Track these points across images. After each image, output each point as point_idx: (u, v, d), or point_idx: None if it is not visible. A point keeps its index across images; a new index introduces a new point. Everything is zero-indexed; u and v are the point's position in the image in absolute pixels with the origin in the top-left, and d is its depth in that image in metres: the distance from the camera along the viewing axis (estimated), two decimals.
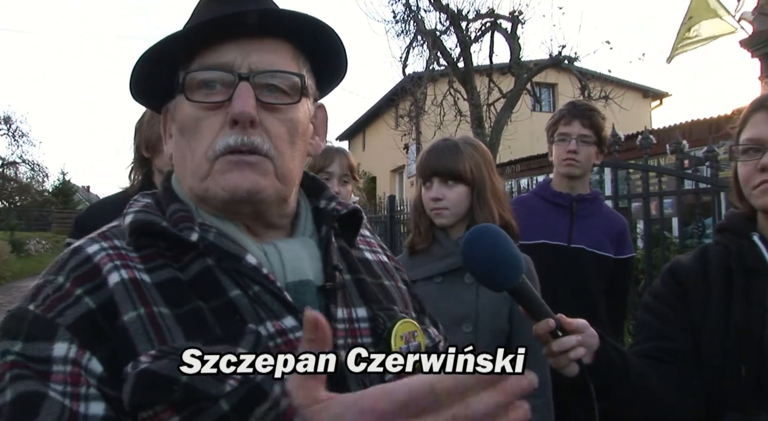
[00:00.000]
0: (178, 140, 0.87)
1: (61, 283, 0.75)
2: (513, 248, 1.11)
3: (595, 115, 2.49)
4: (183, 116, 0.85)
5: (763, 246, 1.31)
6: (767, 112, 1.31)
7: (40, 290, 0.74)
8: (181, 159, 0.87)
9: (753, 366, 1.24)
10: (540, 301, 1.14)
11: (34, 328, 0.71)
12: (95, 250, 0.79)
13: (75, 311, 0.72)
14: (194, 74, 0.84)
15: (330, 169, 2.61)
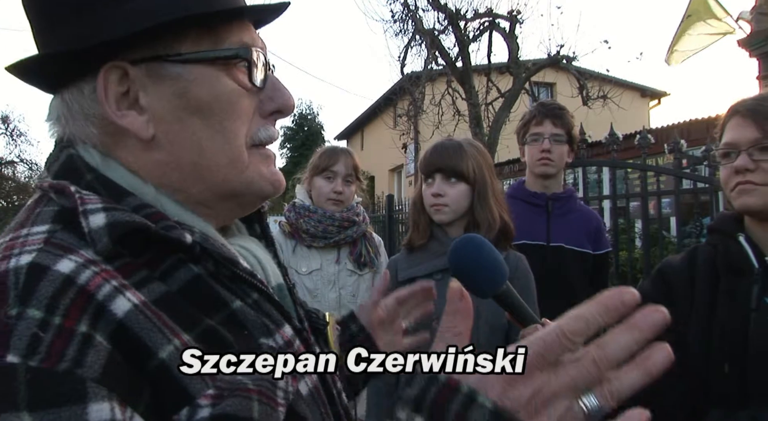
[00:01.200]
0: (193, 123, 0.71)
1: (43, 318, 0.52)
2: (496, 256, 1.14)
3: (565, 114, 2.52)
4: (215, 92, 0.71)
5: (749, 246, 1.35)
6: (741, 117, 1.35)
7: (8, 334, 0.50)
8: (196, 148, 0.71)
9: (736, 364, 1.26)
10: (524, 306, 1.17)
11: (41, 387, 0.49)
12: (72, 268, 0.57)
13: (96, 356, 0.53)
14: (245, 51, 0.73)
15: (335, 168, 2.61)
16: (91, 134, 0.70)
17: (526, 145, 2.55)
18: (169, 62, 0.69)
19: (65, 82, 0.71)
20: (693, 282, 1.41)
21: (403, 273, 2.00)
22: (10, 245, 0.59)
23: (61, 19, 0.68)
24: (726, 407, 1.26)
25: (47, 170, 0.72)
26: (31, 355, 0.50)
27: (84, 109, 0.70)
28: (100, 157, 0.71)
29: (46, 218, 0.63)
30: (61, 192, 0.65)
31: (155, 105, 0.70)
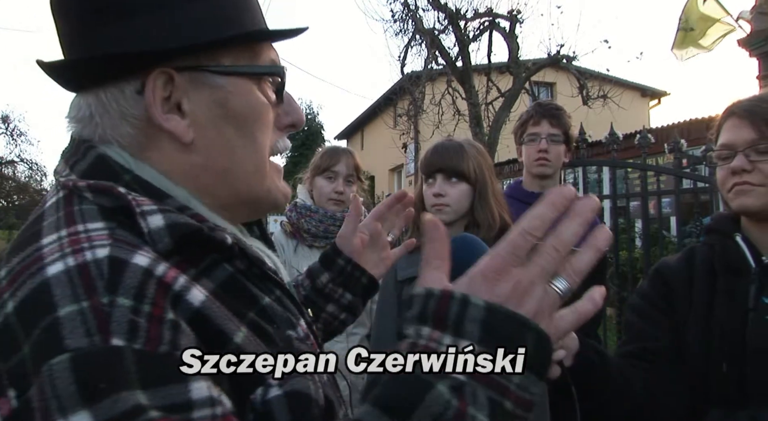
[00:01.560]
0: (228, 131, 0.75)
1: (134, 306, 0.56)
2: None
3: (562, 114, 2.52)
4: (250, 104, 0.77)
5: (746, 246, 1.35)
6: (737, 118, 1.35)
7: (107, 320, 0.54)
8: (229, 154, 0.76)
9: (734, 363, 1.27)
10: None
11: (147, 368, 0.53)
12: (148, 262, 0.60)
13: (187, 340, 0.57)
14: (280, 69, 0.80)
15: (336, 168, 2.62)
16: (126, 134, 0.73)
17: (523, 145, 2.55)
18: (211, 73, 0.74)
19: (100, 81, 0.73)
20: (691, 282, 1.41)
21: (402, 272, 2.00)
22: (74, 239, 0.61)
23: (107, 23, 0.71)
24: (725, 407, 1.27)
25: (70, 169, 0.73)
26: (133, 339, 0.53)
27: (122, 109, 0.72)
28: (131, 158, 0.73)
29: (94, 215, 0.65)
30: (102, 192, 0.68)
31: (196, 111, 0.74)
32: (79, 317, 0.53)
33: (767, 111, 1.31)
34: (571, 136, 2.56)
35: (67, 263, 0.58)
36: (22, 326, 0.54)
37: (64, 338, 0.52)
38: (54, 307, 0.54)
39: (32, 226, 0.67)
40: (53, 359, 0.50)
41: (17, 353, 0.53)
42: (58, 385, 0.49)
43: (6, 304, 0.56)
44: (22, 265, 0.60)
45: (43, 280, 0.56)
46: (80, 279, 0.56)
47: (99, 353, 0.52)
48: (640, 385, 1.31)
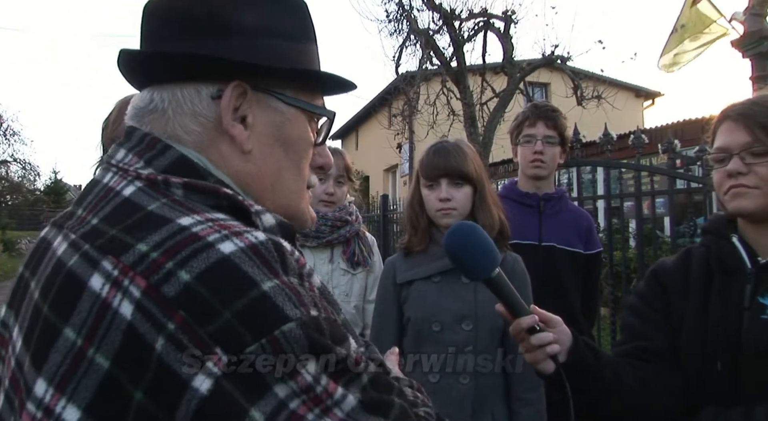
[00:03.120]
0: (278, 152, 0.86)
1: (302, 283, 0.69)
2: (487, 242, 1.24)
3: (558, 116, 2.53)
4: (299, 134, 0.88)
5: (742, 247, 1.36)
6: (732, 121, 1.36)
7: (300, 295, 0.67)
8: (277, 171, 0.86)
9: (729, 362, 1.28)
10: (516, 296, 1.23)
11: (334, 332, 0.68)
12: (290, 248, 0.71)
13: (332, 312, 0.72)
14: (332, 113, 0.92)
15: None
16: (193, 131, 0.80)
17: (518, 145, 2.56)
18: (277, 98, 0.85)
19: (178, 79, 0.80)
20: (687, 282, 1.42)
21: (402, 275, 2.00)
22: (222, 224, 0.68)
23: (206, 35, 0.80)
24: (719, 405, 1.28)
25: (146, 163, 0.77)
26: (317, 310, 0.67)
27: (195, 107, 0.80)
28: (207, 162, 0.80)
29: (209, 209, 0.72)
30: (200, 190, 0.74)
31: (257, 126, 0.83)
32: (282, 292, 0.64)
33: (761, 114, 1.32)
34: (566, 138, 2.58)
35: (236, 243, 0.65)
36: (217, 296, 0.62)
37: (283, 308, 0.63)
38: (255, 282, 0.63)
39: (127, 210, 0.71)
40: (284, 326, 0.63)
41: (217, 318, 0.61)
42: (294, 345, 0.63)
43: (176, 273, 0.62)
44: (175, 239, 0.65)
45: (222, 256, 0.64)
46: (259, 259, 0.65)
47: (311, 321, 0.65)
48: (635, 383, 1.33)
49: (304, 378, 0.63)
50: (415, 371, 1.92)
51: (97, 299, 0.64)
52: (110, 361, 0.61)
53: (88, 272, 0.66)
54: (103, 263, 0.66)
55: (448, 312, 1.88)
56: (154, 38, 0.83)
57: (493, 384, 1.86)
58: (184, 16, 0.81)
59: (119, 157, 0.79)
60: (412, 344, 1.94)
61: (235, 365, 0.61)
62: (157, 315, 0.61)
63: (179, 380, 0.59)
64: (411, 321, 1.94)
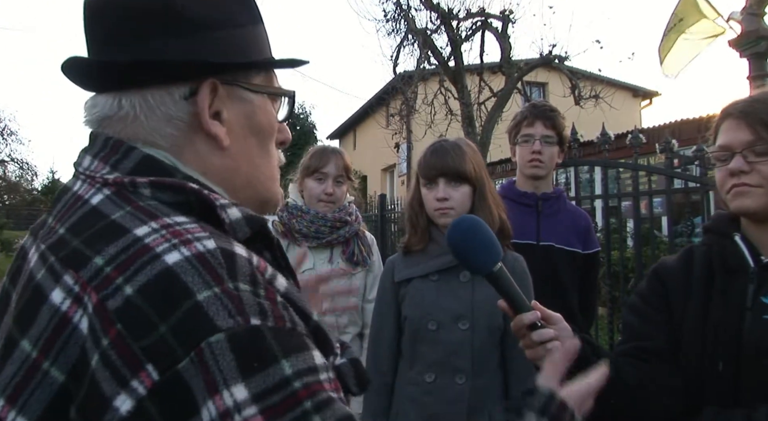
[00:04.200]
0: (251, 141, 0.86)
1: (253, 290, 0.64)
2: (490, 236, 1.25)
3: (556, 116, 2.53)
4: (268, 120, 0.88)
5: (745, 246, 1.35)
6: (733, 119, 1.35)
7: (241, 303, 0.61)
8: (252, 161, 0.86)
9: (730, 362, 1.28)
10: (518, 292, 1.23)
11: (283, 342, 0.61)
12: (246, 253, 0.68)
13: (298, 318, 0.67)
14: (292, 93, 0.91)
15: (325, 169, 2.61)
16: (168, 135, 0.78)
17: (517, 145, 2.56)
18: (245, 89, 0.84)
19: (146, 83, 0.78)
20: (688, 282, 1.41)
21: (400, 274, 2.00)
22: (174, 231, 0.66)
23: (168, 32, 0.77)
24: (720, 406, 1.27)
25: (112, 167, 0.76)
26: (265, 318, 0.62)
27: (168, 110, 0.78)
28: (174, 159, 0.79)
29: (170, 210, 0.70)
30: (168, 188, 0.73)
31: (231, 120, 0.82)
32: (219, 301, 0.60)
33: (763, 112, 1.31)
34: (564, 138, 2.58)
35: (183, 252, 0.63)
36: (154, 308, 0.59)
37: (213, 319, 0.59)
38: (190, 292, 0.60)
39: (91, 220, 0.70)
40: (211, 338, 0.58)
41: (152, 332, 0.58)
42: (220, 360, 0.57)
43: (122, 288, 0.61)
44: (128, 253, 0.63)
45: (165, 267, 0.61)
46: (203, 267, 0.62)
47: (246, 332, 0.59)
48: (635, 382, 1.32)
49: (224, 402, 0.56)
50: (412, 370, 1.91)
51: (56, 313, 0.63)
52: (65, 375, 0.60)
53: (50, 286, 0.65)
54: (64, 278, 0.65)
55: (445, 311, 1.87)
56: (112, 40, 0.79)
57: (491, 385, 1.86)
58: (140, 14, 0.77)
59: (86, 165, 0.78)
60: (409, 342, 1.94)
61: (166, 384, 0.57)
62: (98, 330, 0.60)
63: (104, 398, 0.57)
64: (408, 320, 1.94)
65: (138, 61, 0.76)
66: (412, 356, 1.92)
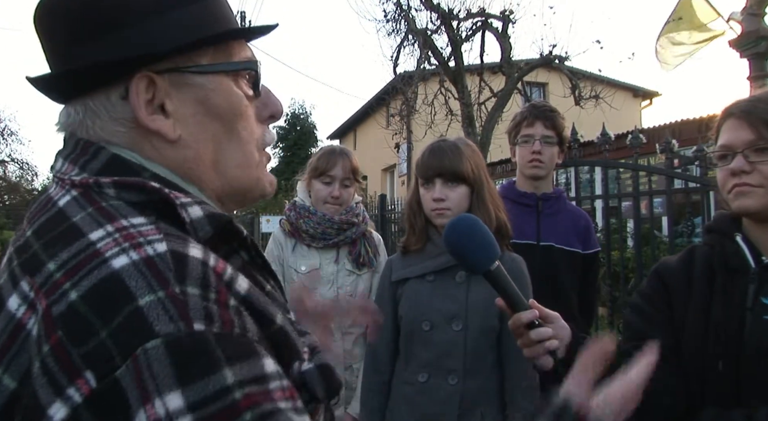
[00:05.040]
0: (212, 126, 0.80)
1: (203, 294, 0.61)
2: (486, 234, 1.25)
3: (556, 116, 2.53)
4: (229, 100, 0.81)
5: (746, 246, 1.35)
6: (735, 119, 1.35)
7: (186, 307, 0.58)
8: (216, 147, 0.81)
9: (730, 362, 1.27)
10: (516, 291, 1.23)
11: (228, 349, 0.58)
12: (201, 254, 0.65)
13: (250, 323, 0.64)
14: (252, 64, 0.84)
15: (332, 172, 2.60)
16: (118, 132, 0.76)
17: (516, 145, 2.56)
18: (191, 73, 0.78)
19: (86, 91, 0.76)
20: (690, 282, 1.41)
21: (397, 274, 2.00)
22: (127, 234, 0.64)
23: (91, 35, 0.74)
24: (720, 406, 1.27)
25: (80, 168, 0.74)
26: (210, 323, 0.58)
27: (111, 114, 0.76)
28: (141, 157, 0.76)
29: (128, 210, 0.69)
30: (131, 187, 0.71)
31: (180, 110, 0.78)
32: (161, 305, 0.57)
33: (765, 111, 1.31)
34: (564, 138, 2.58)
35: (131, 256, 0.61)
36: (96, 314, 0.57)
37: (152, 324, 0.56)
38: (132, 297, 0.57)
39: (55, 223, 0.69)
40: (147, 344, 0.55)
41: (92, 337, 0.56)
42: (155, 366, 0.54)
43: (68, 293, 0.59)
44: (79, 258, 0.62)
45: (111, 272, 0.59)
46: (149, 271, 0.60)
47: (187, 337, 0.56)
48: None
49: (156, 411, 0.53)
50: (407, 369, 1.92)
51: (11, 319, 0.62)
52: (17, 382, 0.59)
53: (9, 292, 0.64)
54: (21, 283, 0.64)
55: (438, 312, 1.88)
56: (51, 57, 0.78)
57: (485, 386, 1.85)
58: (68, 23, 0.75)
59: (58, 167, 0.78)
60: (405, 342, 1.94)
61: (103, 391, 0.54)
62: (42, 337, 0.58)
63: (40, 406, 0.55)
64: (403, 320, 1.94)
65: (69, 70, 0.75)
66: (407, 356, 1.93)
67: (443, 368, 1.85)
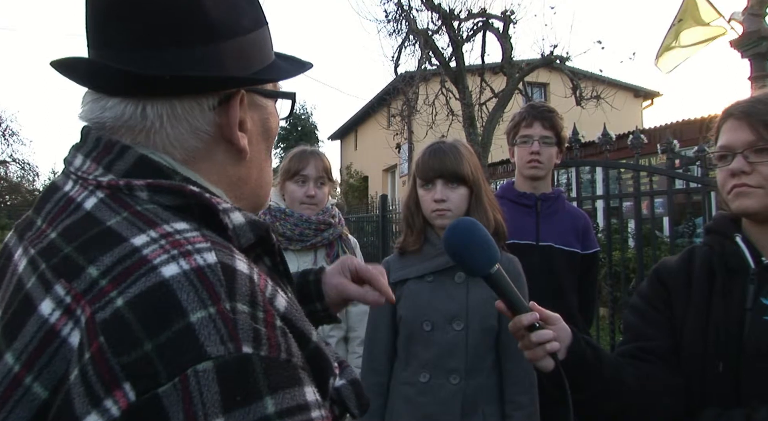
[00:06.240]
0: (262, 146, 0.84)
1: (252, 312, 0.59)
2: (487, 238, 1.25)
3: (554, 117, 2.53)
4: (274, 126, 0.86)
5: (745, 247, 1.35)
6: (734, 119, 1.35)
7: (236, 327, 0.57)
8: (261, 166, 0.85)
9: (730, 363, 1.28)
10: (516, 293, 1.24)
11: (272, 375, 0.57)
12: (247, 269, 0.64)
13: (295, 346, 0.62)
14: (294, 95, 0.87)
15: (305, 172, 2.61)
16: (190, 147, 0.75)
17: (515, 146, 2.56)
18: (260, 94, 0.82)
19: (174, 93, 0.73)
20: (689, 282, 1.41)
21: (395, 275, 2.00)
22: (174, 241, 0.62)
23: (188, 42, 0.73)
24: (720, 406, 1.27)
25: (105, 168, 0.71)
26: (258, 346, 0.57)
27: (194, 122, 0.74)
28: (173, 160, 0.74)
29: (167, 215, 0.66)
30: (167, 190, 0.69)
31: (251, 129, 0.81)
32: (212, 323, 0.56)
33: (764, 112, 1.31)
34: (563, 138, 2.58)
35: (181, 265, 0.59)
36: (142, 323, 0.55)
37: (203, 344, 0.55)
38: (184, 311, 0.56)
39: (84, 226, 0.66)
40: (199, 365, 0.54)
41: (136, 348, 0.54)
42: (205, 391, 0.53)
43: (114, 300, 0.57)
44: (125, 264, 0.60)
45: (161, 280, 0.58)
46: (201, 284, 0.58)
47: (235, 361, 0.55)
48: (634, 382, 1.32)
49: None
50: (407, 370, 1.92)
51: (43, 325, 0.59)
52: (49, 391, 0.56)
53: (40, 297, 0.62)
54: (55, 288, 0.61)
55: (439, 312, 1.88)
56: (137, 44, 0.72)
57: (485, 386, 1.86)
58: (166, 17, 0.71)
59: (77, 165, 0.74)
60: (404, 343, 1.94)
61: (142, 407, 0.52)
62: (85, 344, 0.56)
63: (73, 416, 0.53)
64: (403, 320, 1.94)
65: (176, 76, 0.71)
66: (407, 357, 1.93)
67: (445, 367, 1.85)
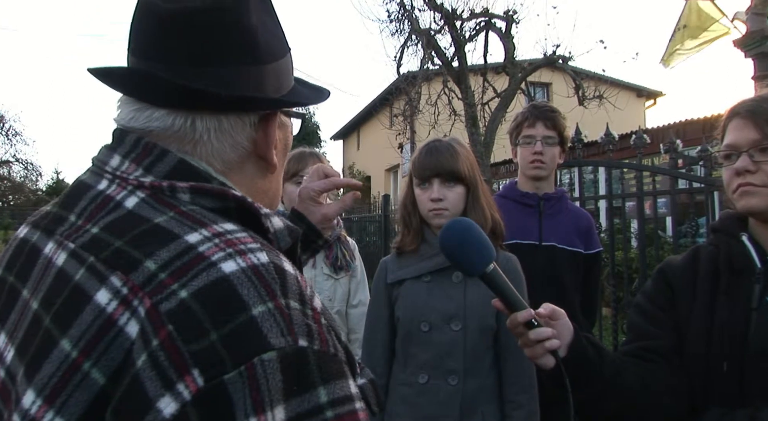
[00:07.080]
0: (281, 159, 0.90)
1: (302, 309, 0.64)
2: (482, 238, 1.27)
3: (557, 117, 2.52)
4: (290, 143, 0.92)
5: (752, 246, 1.34)
6: (740, 118, 1.35)
7: (291, 322, 0.62)
8: (278, 177, 0.91)
9: (735, 363, 1.27)
10: (512, 291, 1.24)
11: (324, 368, 0.62)
12: (292, 269, 0.68)
13: (338, 343, 0.67)
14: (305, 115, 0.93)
15: (304, 172, 2.61)
16: (229, 160, 0.80)
17: (518, 146, 2.56)
18: (286, 114, 0.89)
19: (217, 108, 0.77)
20: (694, 281, 1.41)
21: (392, 275, 1.99)
22: (228, 240, 0.66)
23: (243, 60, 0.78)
24: (724, 406, 1.27)
25: (145, 170, 0.74)
26: (312, 341, 0.62)
27: (236, 137, 0.79)
28: (207, 165, 0.78)
29: (216, 217, 0.70)
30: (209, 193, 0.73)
31: (278, 145, 0.86)
32: (272, 317, 0.60)
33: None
34: (565, 138, 2.57)
35: (239, 263, 0.63)
36: (207, 314, 0.59)
37: (266, 335, 0.59)
38: (246, 305, 0.60)
39: (131, 223, 0.69)
40: (264, 355, 0.58)
41: (203, 337, 0.58)
42: (270, 379, 0.57)
43: (177, 292, 0.60)
44: (184, 259, 0.63)
45: (222, 275, 0.62)
46: (259, 280, 0.62)
47: (294, 353, 0.60)
48: (636, 381, 1.32)
49: None
50: (405, 371, 1.91)
51: (101, 314, 0.62)
52: (106, 378, 0.59)
53: (94, 287, 0.64)
54: (111, 279, 0.64)
55: (437, 312, 1.87)
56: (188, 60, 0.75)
57: (484, 386, 1.85)
58: (218, 36, 0.75)
59: (114, 165, 0.76)
60: (402, 344, 1.93)
61: (210, 392, 0.56)
62: (149, 332, 0.59)
63: (146, 398, 0.56)
64: (400, 321, 1.93)
65: (233, 96, 0.75)
66: (405, 358, 1.92)
67: (443, 368, 1.84)
